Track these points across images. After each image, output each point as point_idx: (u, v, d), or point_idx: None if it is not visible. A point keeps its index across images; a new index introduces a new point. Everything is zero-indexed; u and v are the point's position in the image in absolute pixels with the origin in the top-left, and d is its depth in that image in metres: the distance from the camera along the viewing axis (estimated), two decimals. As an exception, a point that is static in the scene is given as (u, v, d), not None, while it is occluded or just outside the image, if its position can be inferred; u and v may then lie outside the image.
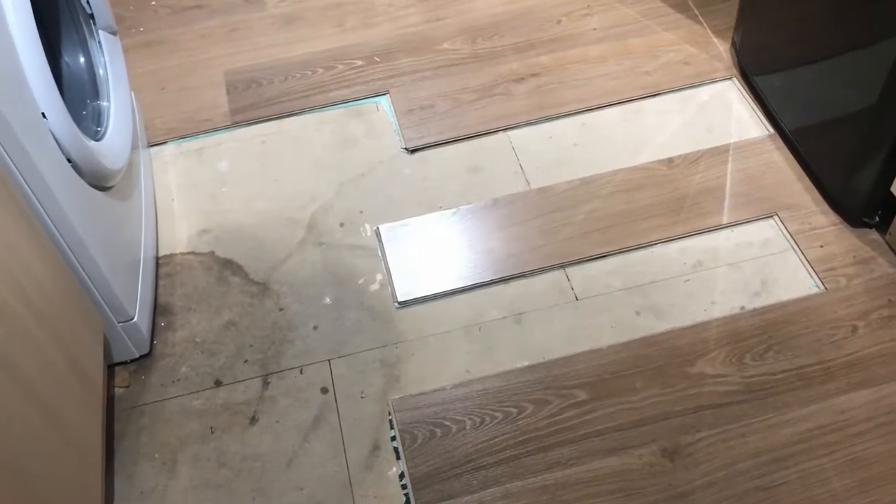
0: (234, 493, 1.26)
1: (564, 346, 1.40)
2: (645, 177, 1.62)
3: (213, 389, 1.38)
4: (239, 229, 1.61)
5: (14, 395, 0.92)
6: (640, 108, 1.76)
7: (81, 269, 1.21)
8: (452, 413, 1.32)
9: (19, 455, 0.91)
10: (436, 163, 1.69)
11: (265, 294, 1.51)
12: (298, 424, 1.33)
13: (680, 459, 1.24)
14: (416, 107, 1.78)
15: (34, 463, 0.94)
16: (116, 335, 1.34)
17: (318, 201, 1.65)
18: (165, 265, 1.56)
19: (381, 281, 1.51)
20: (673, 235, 1.52)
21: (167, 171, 1.72)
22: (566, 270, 1.50)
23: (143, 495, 1.27)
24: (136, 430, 1.34)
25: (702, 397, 1.31)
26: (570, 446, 1.27)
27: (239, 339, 1.45)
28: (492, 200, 1.60)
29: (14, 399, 0.92)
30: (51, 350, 1.06)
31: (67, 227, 1.14)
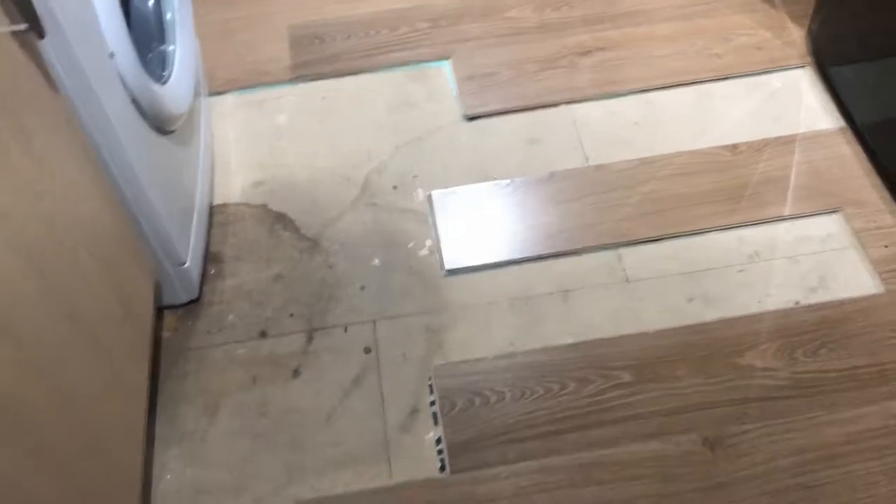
0: (273, 443, 1.28)
1: (611, 327, 1.38)
2: (706, 161, 1.58)
3: (257, 340, 1.39)
4: (293, 184, 1.62)
5: (66, 326, 0.94)
6: (707, 91, 1.72)
7: (138, 211, 1.22)
8: (493, 384, 1.31)
9: (70, 386, 0.93)
10: (494, 132, 1.67)
11: (315, 250, 1.51)
12: (339, 381, 1.34)
13: (721, 450, 1.22)
14: (478, 74, 1.76)
15: (85, 395, 0.96)
16: (167, 279, 1.36)
17: (374, 162, 1.64)
18: (219, 214, 1.57)
19: (430, 247, 1.51)
20: (731, 223, 1.49)
21: (226, 122, 1.72)
22: (618, 251, 1.47)
23: (183, 437, 1.29)
24: (180, 374, 1.36)
25: (749, 389, 1.28)
26: (609, 427, 1.25)
27: (286, 293, 1.45)
28: (548, 174, 1.58)
29: (66, 330, 0.93)
30: (104, 287, 1.07)
31: (127, 168, 1.15)
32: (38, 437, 0.83)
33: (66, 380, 0.92)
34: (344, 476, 1.24)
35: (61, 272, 0.94)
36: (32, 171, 0.90)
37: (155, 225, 1.25)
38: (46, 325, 0.88)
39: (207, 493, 1.23)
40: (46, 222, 0.92)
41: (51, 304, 0.90)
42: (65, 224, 0.97)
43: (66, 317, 0.94)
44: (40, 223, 0.90)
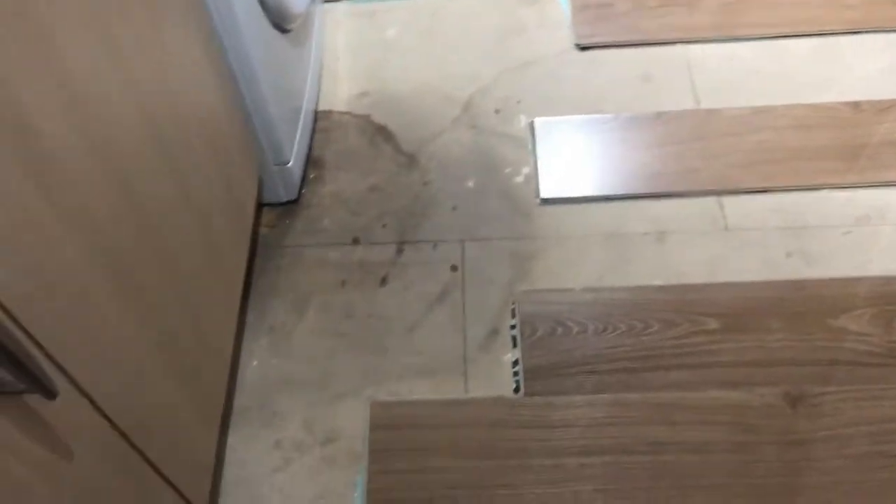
0: (356, 344, 1.31)
1: (704, 274, 1.36)
2: (826, 117, 1.52)
3: (350, 246, 1.42)
4: (396, 98, 1.62)
5: (179, 202, 0.97)
6: (834, 44, 1.64)
7: (251, 104, 1.25)
8: (577, 315, 1.31)
9: (177, 262, 0.97)
10: (604, 64, 1.64)
11: (412, 166, 1.53)
12: (425, 295, 1.36)
13: (802, 408, 1.20)
14: (594, 3, 1.71)
15: (189, 267, 1.00)
16: (270, 177, 1.39)
17: (478, 84, 1.63)
18: (323, 120, 1.59)
19: (526, 174, 1.50)
20: (843, 183, 1.43)
21: (337, 30, 1.73)
22: (721, 198, 1.44)
23: (271, 329, 1.34)
24: (274, 269, 1.40)
25: (840, 352, 1.25)
26: (690, 371, 1.25)
27: (381, 204, 1.47)
28: (656, 113, 1.54)
29: (178, 205, 0.97)
30: (214, 173, 1.11)
31: (245, 58, 1.17)
32: (145, 296, 0.87)
33: (174, 249, 0.96)
34: (421, 384, 1.27)
35: (179, 149, 0.97)
36: (163, 49, 0.92)
37: (265, 121, 1.28)
38: (162, 194, 0.92)
39: (289, 384, 1.28)
40: (170, 99, 0.95)
41: (168, 176, 0.94)
42: (185, 105, 1.00)
43: (180, 192, 0.97)
44: (165, 98, 0.93)
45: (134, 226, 0.84)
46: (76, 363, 0.71)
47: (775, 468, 1.15)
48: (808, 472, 1.14)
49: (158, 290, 0.91)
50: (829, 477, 1.14)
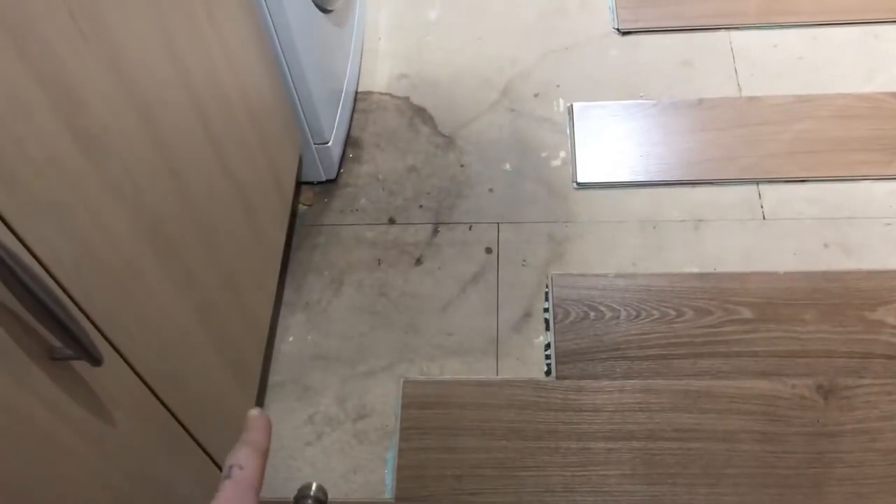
0: (390, 321, 1.33)
1: (739, 263, 1.35)
2: (870, 107, 1.49)
3: (386, 225, 1.44)
4: (436, 80, 1.63)
5: (222, 178, 1.00)
6: (881, 33, 1.61)
7: (293, 84, 1.26)
8: (610, 300, 1.32)
9: (219, 235, 0.99)
10: (646, 49, 1.63)
11: (450, 148, 1.54)
12: (459, 275, 1.38)
13: (834, 400, 1.20)
14: (638, -12, 1.70)
15: (230, 245, 1.03)
16: (310, 156, 1.41)
17: (518, 67, 1.63)
18: (362, 101, 1.61)
19: (563, 158, 1.50)
20: (885, 175, 1.41)
21: (380, 11, 1.74)
22: (759, 187, 1.43)
23: (307, 305, 1.36)
24: (311, 246, 1.43)
25: (875, 345, 1.24)
26: (722, 359, 1.25)
27: (418, 185, 1.49)
28: (697, 99, 1.53)
29: (221, 181, 1.00)
30: (256, 151, 1.13)
31: (289, 38, 1.19)
32: (187, 267, 0.90)
33: (216, 225, 0.98)
34: (452, 364, 1.29)
35: (223, 127, 0.99)
36: (211, 33, 0.94)
37: (306, 99, 1.30)
38: (206, 169, 0.94)
39: (324, 359, 1.31)
40: (216, 78, 0.97)
41: (212, 152, 0.96)
42: (230, 84, 1.02)
43: (223, 169, 1.00)
44: (211, 77, 0.95)
45: (178, 199, 0.86)
46: (120, 331, 0.74)
47: (803, 459, 1.15)
48: (837, 463, 1.14)
49: (200, 261, 0.93)
50: (857, 469, 1.13)
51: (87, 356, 0.63)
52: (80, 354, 0.62)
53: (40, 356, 0.62)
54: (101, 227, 0.70)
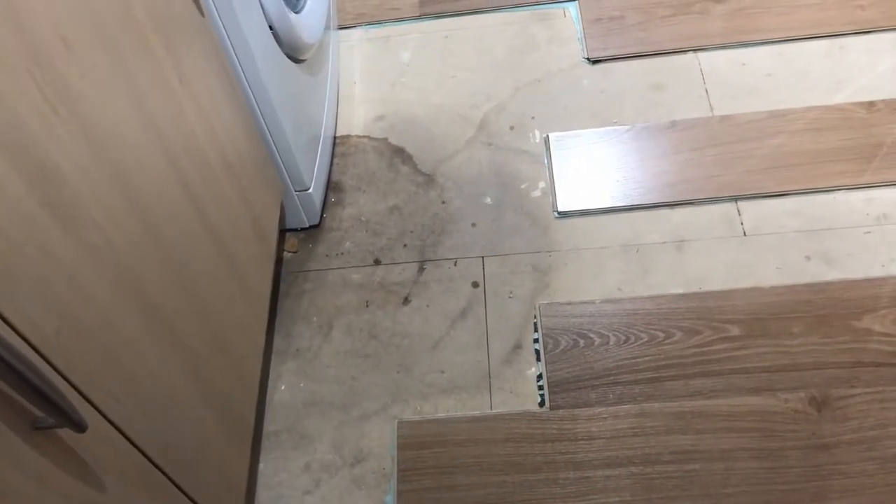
0: (381, 363, 1.34)
1: (724, 280, 1.36)
2: (840, 118, 1.51)
3: (372, 267, 1.45)
4: (413, 120, 1.65)
5: (202, 234, 1.01)
6: (846, 45, 1.63)
7: (270, 135, 1.28)
8: (598, 327, 1.32)
9: (203, 292, 1.00)
10: (617, 76, 1.65)
11: (430, 185, 1.55)
12: (447, 312, 1.38)
13: (828, 411, 1.20)
14: (605, 16, 1.73)
15: (214, 301, 1.03)
16: (292, 203, 1.42)
17: (492, 102, 1.65)
18: (341, 145, 1.62)
19: (543, 188, 1.52)
20: (860, 184, 1.43)
21: (353, 55, 1.77)
22: (738, 204, 1.44)
23: (298, 352, 1.37)
24: (298, 293, 1.43)
25: (864, 353, 1.25)
26: (713, 378, 1.25)
27: (401, 224, 1.50)
28: (670, 122, 1.55)
29: (203, 240, 1.00)
30: (236, 202, 1.14)
31: (262, 91, 1.21)
32: (171, 326, 0.90)
33: (199, 279, 0.99)
34: (446, 402, 1.29)
35: (200, 182, 1.00)
36: (183, 93, 0.96)
37: (284, 149, 1.31)
38: (185, 230, 0.95)
39: (318, 405, 1.31)
40: (190, 135, 0.98)
41: (191, 209, 0.97)
42: (205, 140, 1.03)
43: (203, 225, 1.00)
44: (185, 135, 0.96)
45: (158, 259, 0.87)
46: (105, 396, 0.74)
47: (802, 473, 1.15)
48: (836, 475, 1.14)
49: (185, 319, 0.94)
50: (856, 480, 1.13)
51: (70, 423, 0.63)
52: (63, 422, 0.63)
53: (23, 427, 0.62)
54: (80, 293, 0.71)
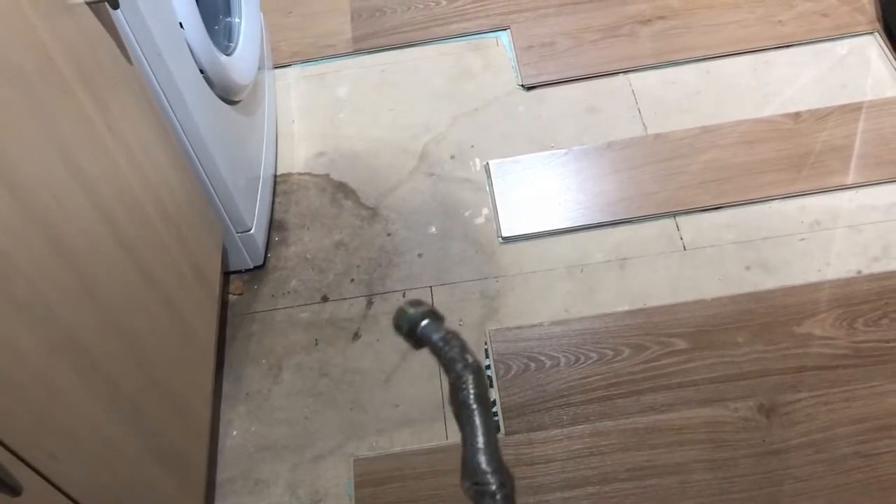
0: (333, 402, 1.32)
1: (668, 295, 1.38)
2: (769, 130, 1.56)
3: (320, 304, 1.44)
4: (354, 154, 1.65)
5: (141, 285, 0.99)
6: (770, 60, 1.69)
7: (207, 178, 1.27)
8: (548, 349, 1.33)
9: (144, 342, 0.98)
10: (552, 101, 1.68)
11: (375, 218, 1.55)
12: (398, 345, 1.38)
13: (776, 417, 1.22)
14: (537, 44, 1.76)
15: (156, 351, 1.02)
16: (234, 245, 1.41)
17: (432, 132, 1.67)
18: (283, 183, 1.62)
19: (486, 215, 1.53)
20: (792, 192, 1.47)
21: (289, 93, 1.77)
22: (677, 219, 1.47)
23: (248, 396, 1.35)
24: (245, 336, 1.41)
25: (806, 358, 1.27)
26: (664, 392, 1.26)
27: (347, 259, 1.49)
28: (606, 143, 1.58)
29: (141, 290, 0.99)
30: (175, 249, 1.13)
31: (196, 136, 1.20)
32: (112, 380, 0.88)
33: (140, 334, 0.97)
34: (401, 435, 1.28)
35: (135, 233, 0.99)
36: (109, 136, 0.95)
37: (222, 192, 1.30)
38: (122, 283, 0.94)
39: (271, 449, 1.29)
40: (121, 185, 0.97)
41: (126, 264, 0.95)
42: (139, 188, 1.02)
43: (141, 276, 0.99)
44: (115, 186, 0.95)
45: (94, 310, 0.85)
46: (42, 455, 0.72)
47: (755, 480, 1.16)
48: (788, 480, 1.16)
49: (126, 370, 0.92)
50: (808, 483, 1.15)
51: (3, 487, 0.61)
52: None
53: (-47, 496, 0.60)
54: (11, 350, 0.69)
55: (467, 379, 0.54)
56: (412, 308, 0.58)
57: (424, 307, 0.57)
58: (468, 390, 0.54)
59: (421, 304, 0.58)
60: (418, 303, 0.58)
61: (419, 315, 0.57)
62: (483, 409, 0.53)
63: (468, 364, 0.55)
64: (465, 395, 0.53)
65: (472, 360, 0.56)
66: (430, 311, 0.57)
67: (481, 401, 0.54)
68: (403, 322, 0.57)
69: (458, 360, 0.55)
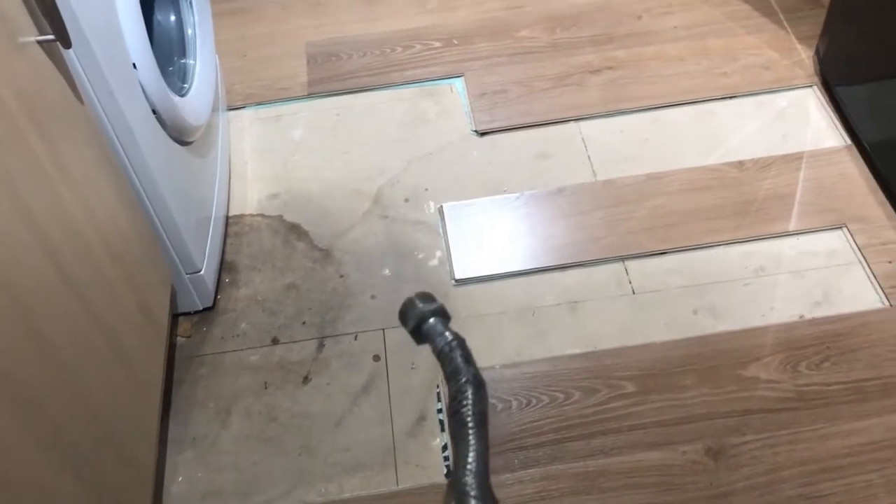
0: (282, 447, 1.30)
1: (617, 338, 1.40)
2: (714, 178, 1.61)
3: (270, 347, 1.42)
4: (307, 196, 1.65)
5: (87, 325, 0.97)
6: (714, 110, 1.75)
7: (157, 218, 1.26)
8: (500, 392, 1.33)
9: (88, 384, 0.96)
10: (504, 147, 1.71)
11: (327, 260, 1.55)
12: (349, 388, 1.37)
13: (724, 460, 1.24)
14: (490, 91, 1.80)
15: (100, 393, 0.99)
16: (183, 286, 1.39)
17: (386, 175, 1.68)
18: (234, 224, 1.61)
19: (440, 258, 1.54)
20: (737, 238, 1.51)
21: (243, 135, 1.77)
22: (625, 263, 1.49)
23: (195, 441, 1.32)
24: (193, 379, 1.39)
25: (752, 401, 1.30)
26: (613, 436, 1.27)
27: (299, 302, 1.49)
28: (557, 188, 1.61)
29: (86, 330, 0.97)
30: (123, 290, 1.11)
31: (148, 176, 1.19)
32: (55, 430, 0.86)
33: (85, 376, 0.95)
34: (351, 481, 1.26)
35: (82, 274, 0.97)
36: (58, 175, 0.94)
37: (172, 232, 1.29)
38: (67, 324, 0.92)
39: (218, 495, 1.26)
40: (69, 223, 0.95)
41: (72, 304, 0.93)
42: (87, 227, 1.00)
43: (87, 317, 0.97)
44: (63, 226, 0.94)
45: (36, 353, 0.83)
46: (-23, 504, 0.69)
47: (704, 523, 1.17)
48: (735, 523, 1.17)
49: (68, 414, 0.89)
50: (754, 526, 1.17)
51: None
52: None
53: None
54: (-54, 395, 0.67)
55: (468, 393, 0.52)
56: (422, 303, 0.56)
57: (435, 305, 0.55)
58: (467, 405, 0.52)
59: (432, 300, 0.56)
60: (429, 298, 0.56)
61: (428, 312, 0.55)
62: (480, 427, 0.51)
63: (471, 378, 0.53)
64: (464, 410, 0.52)
65: (476, 373, 0.54)
66: (439, 308, 0.56)
67: (479, 418, 0.52)
68: (410, 316, 0.55)
69: (461, 372, 0.54)
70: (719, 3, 1.96)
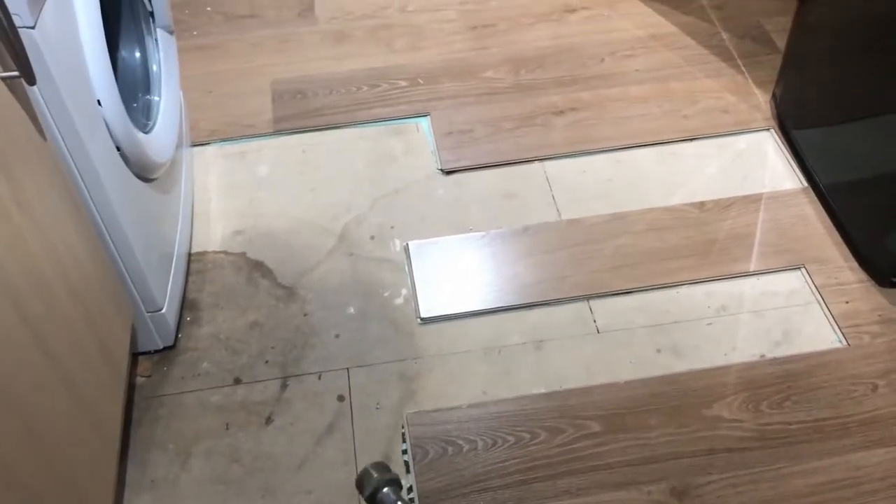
0: (244, 489, 1.27)
1: (582, 377, 1.40)
2: (676, 218, 1.63)
3: (232, 387, 1.40)
4: (272, 234, 1.64)
5: (42, 364, 0.95)
6: (676, 151, 1.78)
7: (118, 255, 1.24)
8: (466, 432, 1.33)
9: (42, 424, 0.93)
10: (470, 186, 1.72)
11: (291, 298, 1.53)
12: (312, 429, 1.35)
13: (689, 500, 1.24)
14: (456, 130, 1.81)
15: (55, 433, 0.97)
16: (144, 324, 1.37)
17: (352, 213, 1.68)
18: (197, 262, 1.59)
19: (405, 296, 1.53)
20: (699, 278, 1.53)
21: (208, 172, 1.76)
22: (590, 302, 1.50)
23: (153, 483, 1.28)
24: (152, 420, 1.36)
25: (715, 440, 1.30)
26: (579, 476, 1.27)
27: (262, 340, 1.47)
28: (522, 227, 1.62)
29: (42, 369, 0.94)
30: (81, 328, 1.08)
31: (109, 212, 1.17)
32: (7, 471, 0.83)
33: (40, 417, 0.92)
34: (314, 524, 1.24)
35: (39, 311, 0.95)
36: (20, 215, 0.92)
37: (134, 270, 1.27)
38: (22, 363, 0.89)
39: (176, 540, 1.22)
40: (27, 260, 0.93)
41: (27, 341, 0.91)
42: (46, 265, 0.98)
43: (43, 355, 0.95)
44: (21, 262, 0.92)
45: (-10, 397, 0.81)
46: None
47: (670, 564, 1.17)
48: (701, 564, 1.17)
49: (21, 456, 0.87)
50: (720, 567, 1.17)
51: None
52: None
53: None
54: None
55: None
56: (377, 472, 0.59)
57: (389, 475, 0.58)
58: None
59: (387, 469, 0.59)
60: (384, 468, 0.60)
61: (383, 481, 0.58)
62: None
63: None
64: None
65: None
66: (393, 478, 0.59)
67: None
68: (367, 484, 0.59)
69: None
70: (680, 46, 2.01)
